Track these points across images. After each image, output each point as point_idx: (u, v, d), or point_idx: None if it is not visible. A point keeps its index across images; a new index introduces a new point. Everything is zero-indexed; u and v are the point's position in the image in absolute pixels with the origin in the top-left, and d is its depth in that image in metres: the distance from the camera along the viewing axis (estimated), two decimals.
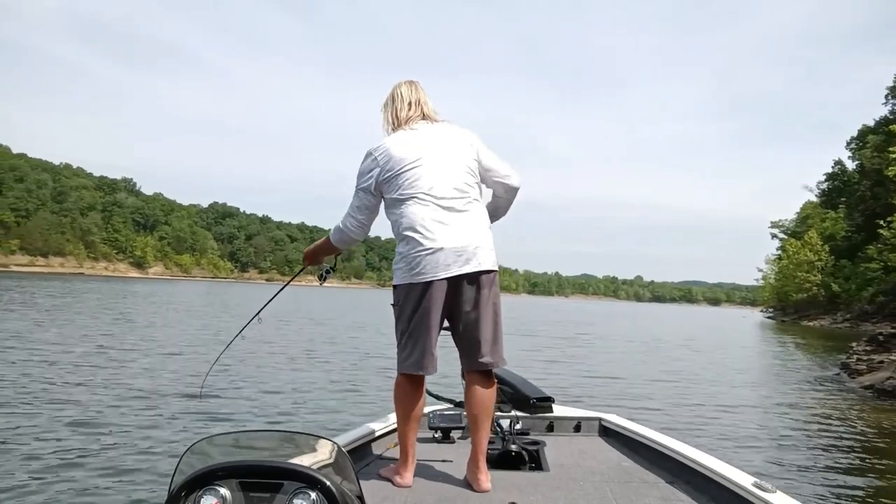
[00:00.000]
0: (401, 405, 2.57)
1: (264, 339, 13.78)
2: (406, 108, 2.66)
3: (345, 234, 2.70)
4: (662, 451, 2.85)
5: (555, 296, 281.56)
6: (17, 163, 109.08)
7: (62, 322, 16.62)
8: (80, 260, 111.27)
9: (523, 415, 3.27)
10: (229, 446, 1.68)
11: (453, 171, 2.58)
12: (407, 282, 2.51)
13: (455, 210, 2.54)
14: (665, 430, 3.20)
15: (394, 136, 2.63)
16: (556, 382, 9.77)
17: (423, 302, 2.49)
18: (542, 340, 19.51)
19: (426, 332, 2.50)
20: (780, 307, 69.17)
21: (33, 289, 34.88)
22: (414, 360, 2.51)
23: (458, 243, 2.49)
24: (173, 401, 7.25)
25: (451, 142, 2.63)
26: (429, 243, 2.47)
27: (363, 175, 2.61)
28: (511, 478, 2.66)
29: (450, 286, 2.50)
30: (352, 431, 2.93)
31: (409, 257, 2.50)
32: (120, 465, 4.80)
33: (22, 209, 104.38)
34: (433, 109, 2.72)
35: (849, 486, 5.45)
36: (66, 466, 4.71)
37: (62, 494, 4.17)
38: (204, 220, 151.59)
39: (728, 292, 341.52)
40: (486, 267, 2.54)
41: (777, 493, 2.13)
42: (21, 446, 5.13)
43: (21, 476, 4.43)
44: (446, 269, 2.47)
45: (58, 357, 10.09)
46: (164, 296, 39.32)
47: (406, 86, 2.71)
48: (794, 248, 62.90)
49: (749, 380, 13.02)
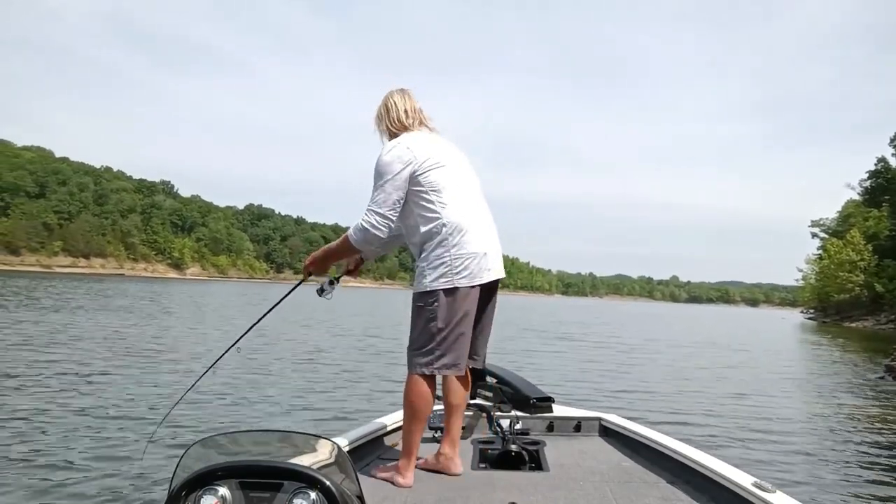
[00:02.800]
0: (413, 406, 2.54)
1: (265, 339, 13.83)
2: (404, 115, 2.63)
3: (369, 234, 2.47)
4: (662, 451, 2.85)
5: (589, 296, 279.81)
6: (60, 166, 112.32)
7: (85, 320, 16.99)
8: (121, 261, 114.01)
9: (523, 415, 3.25)
10: (229, 446, 1.69)
11: (473, 177, 2.66)
12: (452, 285, 2.47)
13: (484, 216, 2.61)
14: (698, 440, 3.12)
15: (415, 134, 2.60)
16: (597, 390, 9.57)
17: (466, 305, 2.50)
18: (574, 345, 19.33)
19: (466, 334, 2.54)
20: (821, 308, 67.81)
21: (78, 289, 35.81)
22: (449, 361, 2.51)
23: (490, 250, 2.57)
24: (173, 401, 7.16)
25: (459, 151, 2.68)
26: (474, 246, 2.49)
27: (394, 164, 2.46)
28: (511, 478, 2.67)
29: (483, 288, 2.58)
30: (352, 431, 2.92)
31: (453, 259, 2.47)
32: (120, 465, 4.80)
33: (65, 212, 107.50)
34: (429, 117, 2.72)
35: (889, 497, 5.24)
36: (66, 466, 4.71)
37: (62, 494, 4.16)
38: (240, 221, 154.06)
39: (767, 293, 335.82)
40: (503, 275, 2.68)
41: (777, 493, 2.12)
42: (20, 446, 5.13)
43: (21, 475, 4.44)
44: (489, 273, 2.55)
45: (67, 355, 10.21)
46: (200, 296, 40.01)
47: (398, 94, 2.68)
48: (835, 247, 61.62)
49: (788, 383, 12.70)
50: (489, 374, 3.35)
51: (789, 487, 3.33)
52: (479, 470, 2.81)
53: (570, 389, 9.40)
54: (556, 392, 3.47)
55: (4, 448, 5.07)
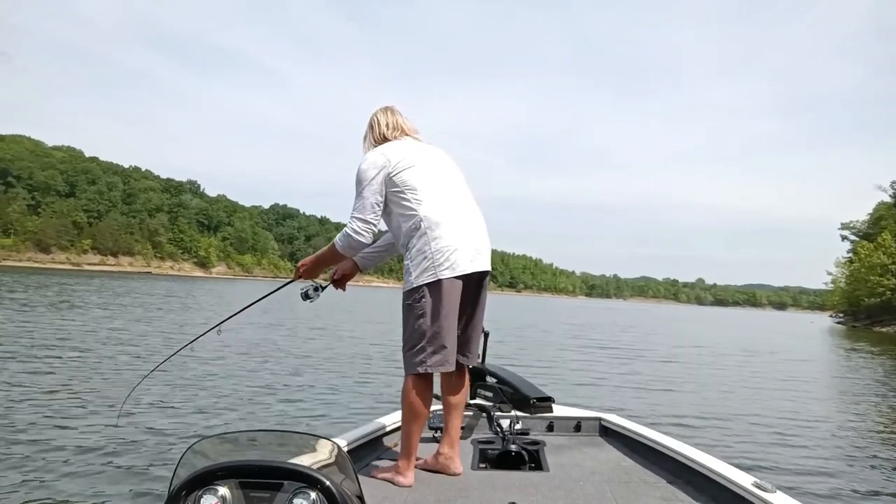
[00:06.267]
0: (411, 406, 2.55)
1: (266, 340, 13.81)
2: (386, 128, 2.74)
3: (353, 240, 2.58)
4: (662, 451, 2.85)
5: (613, 298, 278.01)
6: (90, 166, 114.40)
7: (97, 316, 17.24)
8: (148, 259, 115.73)
9: (523, 415, 3.24)
10: (229, 446, 1.69)
11: (455, 175, 2.71)
12: (435, 278, 2.50)
13: (466, 210, 2.64)
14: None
15: (390, 143, 2.70)
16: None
17: (452, 298, 2.52)
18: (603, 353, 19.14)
19: (451, 329, 2.54)
20: (851, 312, 66.55)
21: (114, 287, 36.35)
22: (441, 358, 2.52)
23: (473, 241, 2.59)
24: (174, 401, 7.20)
25: (441, 153, 2.76)
26: (453, 238, 2.52)
27: (369, 171, 2.57)
28: (511, 478, 2.67)
29: (468, 282, 2.58)
30: (352, 431, 2.92)
31: (434, 252, 2.51)
32: (120, 465, 4.80)
33: (94, 210, 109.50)
34: (414, 129, 2.81)
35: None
36: (65, 466, 4.71)
37: (62, 494, 4.16)
38: (265, 221, 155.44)
39: (795, 296, 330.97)
40: (489, 268, 2.67)
41: (777, 493, 2.12)
42: (20, 444, 5.14)
43: (20, 475, 4.44)
44: (467, 265, 2.54)
45: (71, 353, 10.25)
46: (225, 294, 40.37)
47: (381, 112, 2.79)
48: (866, 250, 60.57)
49: (808, 386, 12.46)
50: (489, 374, 3.37)
51: (790, 488, 3.26)
52: (479, 470, 2.81)
53: (571, 390, 9.40)
54: (553, 393, 3.45)
55: (4, 448, 5.09)
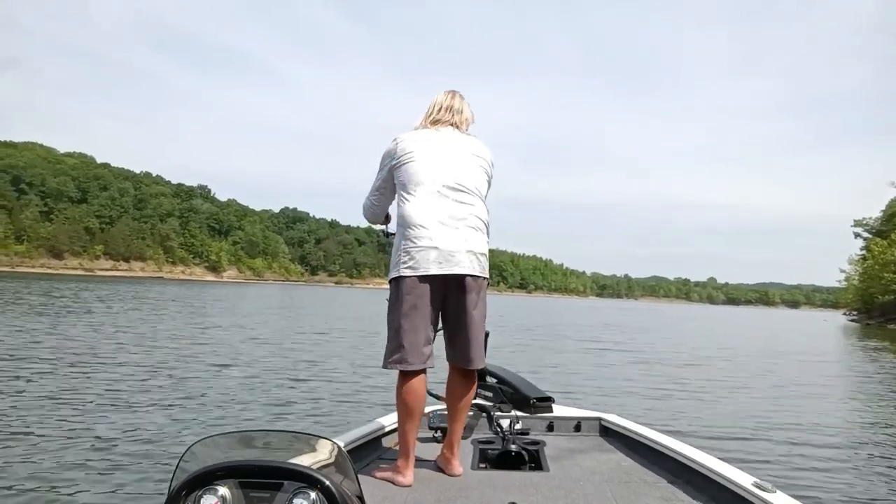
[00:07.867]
0: (403, 403, 2.56)
1: (266, 339, 13.80)
2: (437, 111, 2.75)
3: (364, 210, 2.92)
4: (662, 451, 2.84)
5: (624, 298, 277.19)
6: (102, 172, 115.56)
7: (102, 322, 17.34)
8: (160, 264, 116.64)
9: (523, 415, 3.25)
10: (229, 446, 1.68)
11: (464, 175, 2.63)
12: (398, 274, 2.53)
13: (454, 212, 2.57)
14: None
15: (419, 130, 2.73)
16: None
17: (413, 297, 2.51)
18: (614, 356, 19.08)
19: (412, 329, 2.51)
20: (865, 310, 65.94)
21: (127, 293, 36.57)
22: (397, 357, 2.52)
23: (449, 244, 2.52)
24: (174, 400, 7.22)
25: (469, 150, 2.69)
26: (427, 240, 2.51)
27: (383, 157, 2.71)
28: (511, 478, 2.66)
29: (441, 284, 2.53)
30: (352, 431, 2.93)
31: (402, 252, 2.53)
32: (119, 465, 4.80)
33: (106, 216, 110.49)
34: (467, 120, 2.80)
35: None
36: (65, 465, 4.72)
37: (62, 494, 4.17)
38: (275, 224, 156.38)
39: (808, 294, 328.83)
40: (476, 272, 2.58)
41: (777, 492, 2.11)
42: (20, 444, 5.16)
43: (20, 474, 4.46)
44: (432, 266, 2.50)
45: (73, 357, 10.21)
46: (236, 299, 40.52)
47: (444, 94, 2.81)
48: (879, 247, 59.96)
49: (825, 389, 12.32)
50: (489, 374, 3.37)
51: (791, 488, 3.22)
52: (479, 470, 2.81)
53: (570, 390, 9.34)
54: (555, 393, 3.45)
55: (5, 448, 5.11)
